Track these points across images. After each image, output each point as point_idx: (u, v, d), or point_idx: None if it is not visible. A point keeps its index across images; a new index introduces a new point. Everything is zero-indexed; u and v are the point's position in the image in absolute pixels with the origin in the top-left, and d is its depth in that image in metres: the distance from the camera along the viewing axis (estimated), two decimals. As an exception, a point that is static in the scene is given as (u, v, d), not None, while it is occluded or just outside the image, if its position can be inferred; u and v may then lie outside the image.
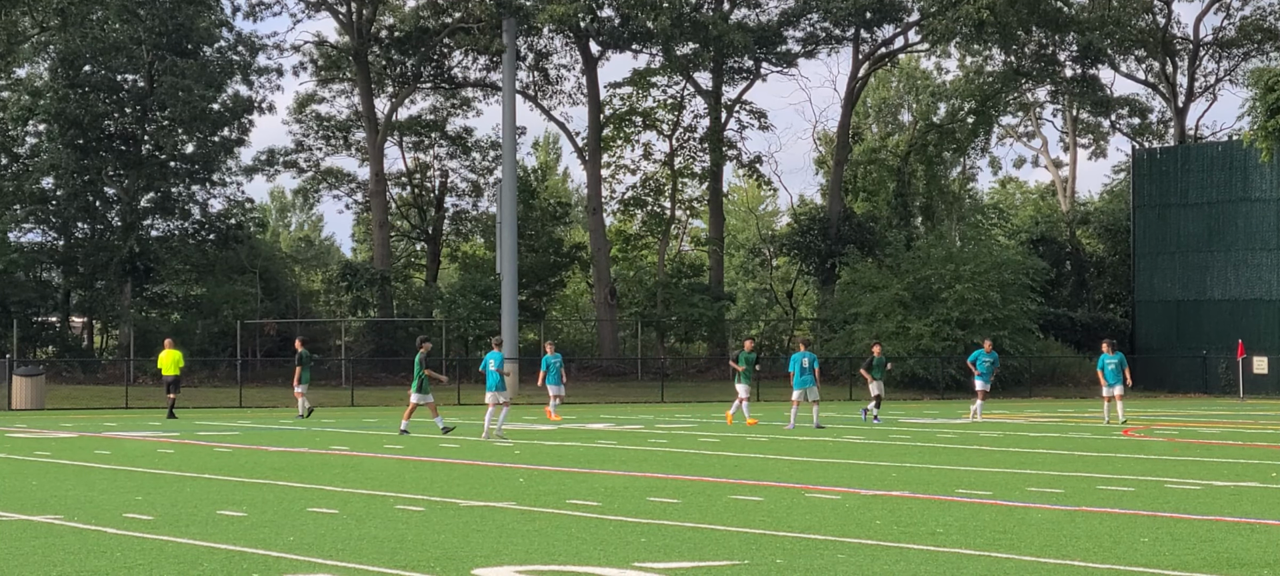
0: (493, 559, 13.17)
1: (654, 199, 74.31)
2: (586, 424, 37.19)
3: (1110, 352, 36.92)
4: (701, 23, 65.31)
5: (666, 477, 21.43)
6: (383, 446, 28.54)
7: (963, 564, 12.99)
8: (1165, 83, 77.88)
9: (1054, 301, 70.84)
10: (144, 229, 64.22)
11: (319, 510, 17.06)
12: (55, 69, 63.50)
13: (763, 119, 73.31)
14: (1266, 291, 65.60)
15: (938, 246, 67.11)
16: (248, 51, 66.07)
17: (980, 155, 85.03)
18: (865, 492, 19.07)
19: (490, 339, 35.45)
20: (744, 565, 12.96)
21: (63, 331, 65.31)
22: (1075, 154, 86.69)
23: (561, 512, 16.76)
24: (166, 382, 41.76)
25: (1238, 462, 24.53)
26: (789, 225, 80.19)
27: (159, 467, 23.54)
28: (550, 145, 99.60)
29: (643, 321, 68.41)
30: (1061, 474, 21.94)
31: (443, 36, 66.54)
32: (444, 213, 73.22)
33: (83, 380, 57.82)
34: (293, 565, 12.94)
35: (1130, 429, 34.77)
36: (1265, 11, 75.71)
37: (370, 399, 53.16)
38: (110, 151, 63.53)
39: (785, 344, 74.92)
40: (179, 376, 42.07)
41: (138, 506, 17.50)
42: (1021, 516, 16.48)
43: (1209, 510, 17.10)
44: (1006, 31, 66.25)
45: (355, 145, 71.39)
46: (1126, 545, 14.16)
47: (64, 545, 14.14)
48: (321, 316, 69.13)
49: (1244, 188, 66.42)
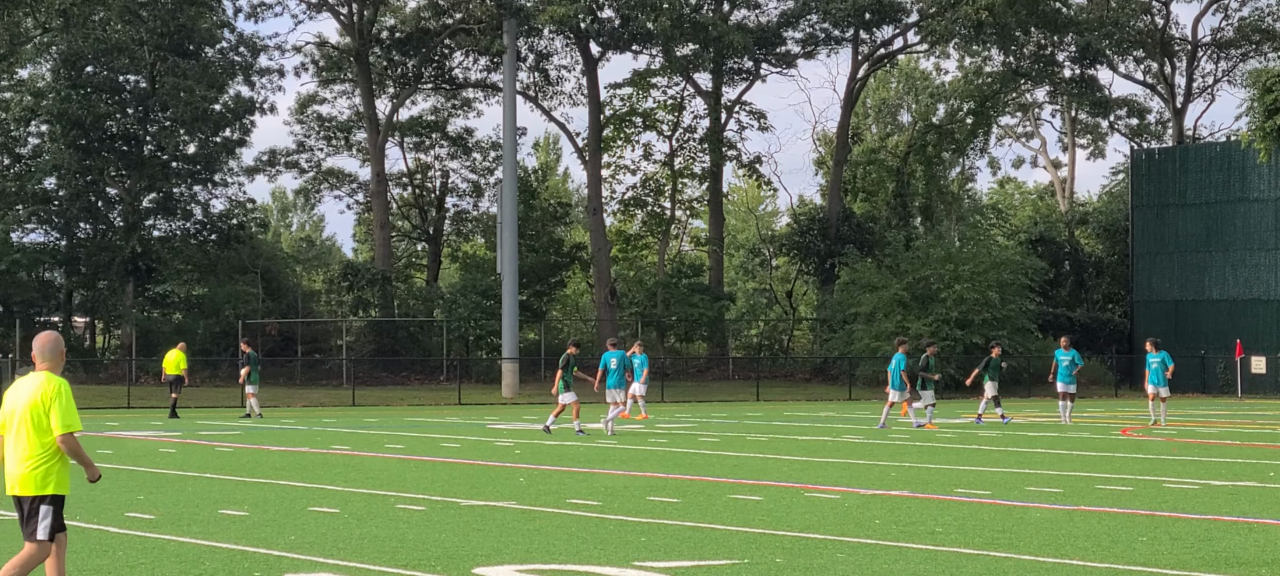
0: (493, 558, 13.24)
1: (654, 199, 74.38)
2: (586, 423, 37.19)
3: (1154, 351, 36.31)
4: (701, 24, 65.35)
5: (666, 477, 21.49)
6: (384, 446, 28.61)
7: (962, 563, 13.07)
8: (1164, 83, 77.92)
9: (1053, 301, 70.88)
10: (146, 229, 64.28)
11: (320, 509, 17.13)
12: (58, 70, 63.56)
13: (762, 119, 73.38)
14: (1265, 291, 65.65)
15: (937, 246, 67.15)
16: (249, 52, 66.12)
17: (979, 155, 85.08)
18: (865, 492, 19.14)
19: (609, 340, 35.19)
20: (744, 564, 13.03)
21: (65, 331, 65.33)
22: (1074, 154, 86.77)
23: (562, 512, 16.83)
24: (169, 382, 41.86)
25: (1236, 462, 24.59)
26: (788, 225, 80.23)
27: (161, 467, 23.61)
28: (551, 146, 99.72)
29: (643, 321, 68.46)
30: (1060, 473, 22.00)
31: (443, 37, 66.60)
32: (445, 213, 73.26)
33: (85, 380, 57.85)
34: (294, 564, 13.01)
35: (1129, 429, 34.82)
36: (1263, 12, 75.75)
37: (371, 399, 53.21)
38: (112, 152, 63.59)
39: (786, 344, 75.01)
40: (181, 376, 42.17)
41: (140, 505, 17.57)
42: (1020, 515, 16.55)
43: (1207, 509, 17.17)
44: (1005, 32, 66.28)
45: (356, 146, 71.45)
46: (1125, 544, 14.22)
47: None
48: (323, 316, 69.17)
49: (1242, 188, 66.47)
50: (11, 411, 10.23)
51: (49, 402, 10.09)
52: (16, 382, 10.37)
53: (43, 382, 10.18)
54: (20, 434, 10.15)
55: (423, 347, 65.92)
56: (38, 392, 10.14)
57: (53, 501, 10.13)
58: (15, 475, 10.17)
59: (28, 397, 10.17)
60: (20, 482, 10.16)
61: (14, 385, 10.36)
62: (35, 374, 10.28)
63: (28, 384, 10.24)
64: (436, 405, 50.65)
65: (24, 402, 10.17)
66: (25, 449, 10.12)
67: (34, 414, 10.11)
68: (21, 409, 10.17)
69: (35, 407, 10.12)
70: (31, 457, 10.10)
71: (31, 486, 10.12)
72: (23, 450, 10.13)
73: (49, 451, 10.13)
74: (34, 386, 10.19)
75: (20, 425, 10.16)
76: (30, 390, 10.19)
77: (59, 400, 10.09)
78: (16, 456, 10.16)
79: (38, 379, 10.22)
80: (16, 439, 10.17)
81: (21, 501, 10.20)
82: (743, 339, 76.62)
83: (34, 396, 10.14)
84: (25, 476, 10.12)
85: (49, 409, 10.09)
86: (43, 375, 10.22)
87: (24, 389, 10.24)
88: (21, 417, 10.16)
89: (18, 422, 10.17)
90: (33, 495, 10.12)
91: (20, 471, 10.14)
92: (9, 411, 10.26)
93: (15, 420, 10.19)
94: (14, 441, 10.19)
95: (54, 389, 10.13)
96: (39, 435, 10.09)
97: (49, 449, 10.12)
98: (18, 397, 10.23)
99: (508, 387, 57.10)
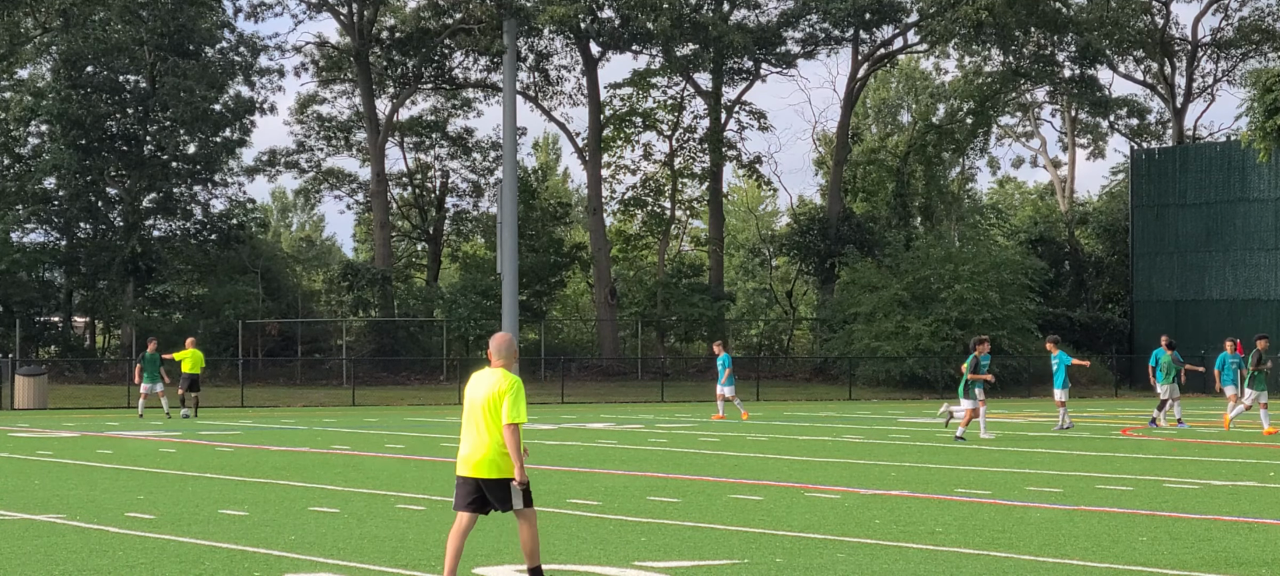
0: (493, 558, 13.25)
1: (654, 199, 74.37)
2: (586, 423, 37.24)
3: (1231, 352, 36.01)
4: (701, 24, 65.36)
5: (666, 477, 21.50)
6: (384, 446, 28.61)
7: (962, 563, 13.07)
8: (1163, 83, 77.91)
9: (1053, 301, 70.87)
10: (146, 229, 64.28)
11: (320, 509, 17.14)
12: (58, 70, 63.57)
13: (762, 119, 73.35)
14: (1265, 291, 65.66)
15: (937, 246, 67.17)
16: (249, 52, 66.13)
17: (979, 155, 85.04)
18: (865, 492, 19.14)
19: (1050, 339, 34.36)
20: (744, 564, 13.04)
21: (65, 331, 65.37)
22: (1074, 154, 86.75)
23: (562, 512, 16.83)
24: (185, 381, 41.87)
25: (1236, 462, 24.59)
26: (788, 225, 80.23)
27: (161, 467, 23.61)
28: (550, 146, 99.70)
29: (643, 321, 68.47)
30: (1060, 473, 22.01)
31: (443, 37, 66.58)
32: (445, 213, 73.26)
33: (85, 380, 57.88)
34: (294, 564, 13.02)
35: (1129, 428, 34.82)
36: (1263, 12, 75.76)
37: (371, 399, 53.22)
38: (112, 152, 63.60)
39: (786, 344, 74.98)
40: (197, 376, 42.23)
41: (140, 505, 17.57)
42: (1020, 515, 16.55)
43: (1207, 509, 17.17)
44: (1005, 32, 66.28)
45: (356, 146, 71.46)
46: (1125, 544, 14.23)
47: (66, 544, 14.22)
48: (323, 316, 69.17)
49: (1242, 188, 66.48)
50: (472, 402, 11.33)
51: (503, 395, 11.17)
52: (475, 376, 11.46)
53: (500, 377, 11.28)
54: (479, 423, 11.26)
55: (423, 347, 65.93)
56: (495, 387, 11.23)
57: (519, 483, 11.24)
58: (472, 459, 11.29)
59: (486, 391, 11.27)
60: (476, 466, 11.28)
61: (473, 378, 11.46)
62: (492, 370, 11.36)
63: (486, 378, 11.34)
64: (436, 405, 50.67)
65: (483, 395, 11.27)
66: (483, 436, 11.24)
67: (492, 405, 11.20)
68: (480, 400, 11.27)
69: (493, 399, 11.21)
70: (489, 444, 11.22)
71: (488, 469, 11.23)
72: (481, 437, 11.25)
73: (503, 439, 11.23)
74: (492, 381, 11.28)
75: (479, 415, 11.26)
76: (489, 384, 11.28)
77: (512, 394, 11.16)
78: (474, 442, 11.28)
79: (495, 374, 11.31)
80: (475, 427, 11.28)
81: (473, 482, 11.29)
82: (743, 339, 76.60)
83: (492, 390, 11.23)
84: (481, 460, 11.24)
85: (503, 401, 11.15)
86: (499, 371, 11.32)
87: (483, 383, 11.34)
88: (480, 408, 11.25)
89: (478, 412, 11.26)
90: (493, 478, 11.22)
91: (477, 456, 11.26)
92: (470, 402, 11.35)
93: (474, 410, 11.30)
94: (472, 429, 11.30)
95: (509, 384, 11.21)
96: (495, 424, 11.17)
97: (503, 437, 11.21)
98: (477, 390, 11.33)
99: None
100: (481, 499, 11.31)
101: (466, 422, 11.34)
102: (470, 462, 11.29)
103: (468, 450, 11.31)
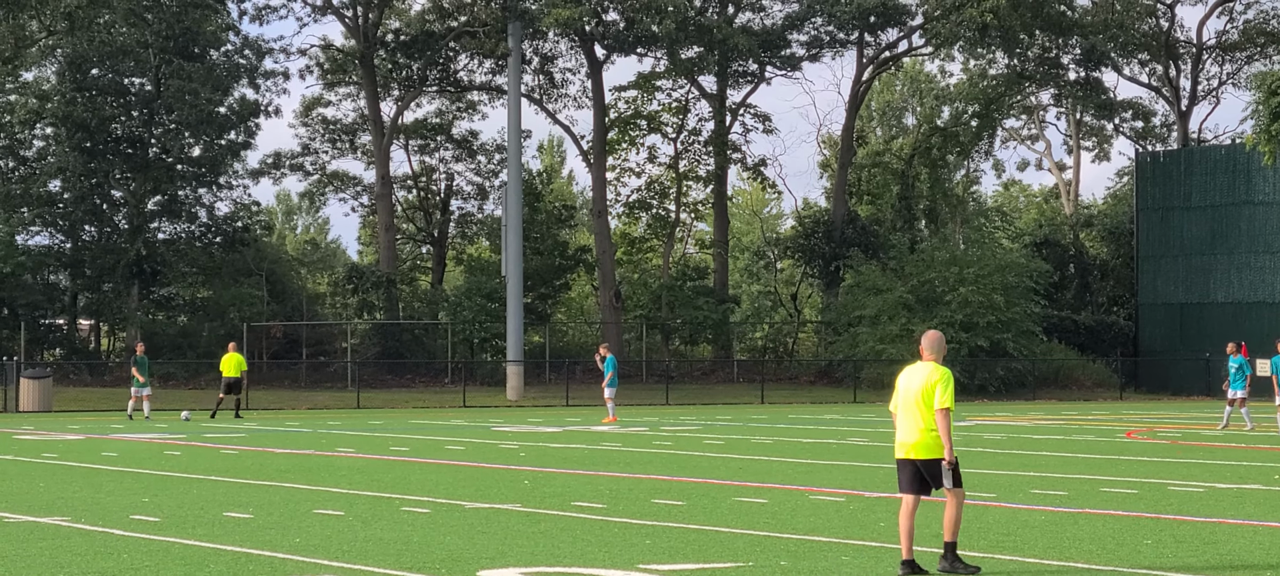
0: (498, 560, 13.25)
1: (659, 202, 74.35)
2: (591, 426, 37.24)
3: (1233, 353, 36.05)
4: (706, 27, 65.35)
5: (671, 480, 21.50)
6: (388, 448, 28.62)
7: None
8: (1168, 86, 77.84)
9: (1057, 304, 70.81)
10: (151, 232, 64.32)
11: (325, 512, 17.14)
12: (62, 72, 63.62)
13: (767, 122, 73.32)
14: (1270, 294, 65.59)
15: (942, 249, 67.13)
16: (254, 55, 66.16)
17: (984, 158, 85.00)
18: (869, 495, 19.13)
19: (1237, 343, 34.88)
20: (748, 567, 13.04)
21: (70, 334, 65.42)
22: (1078, 157, 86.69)
23: (566, 514, 16.83)
24: (227, 384, 42.16)
25: (1240, 465, 24.58)
26: (793, 228, 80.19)
27: (166, 469, 23.63)
28: (555, 148, 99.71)
29: (647, 324, 68.45)
30: (1064, 476, 21.99)
31: (448, 40, 66.61)
32: (449, 216, 73.28)
33: (90, 382, 57.89)
34: (299, 567, 13.03)
35: (1134, 431, 34.80)
36: (1269, 15, 75.67)
37: (376, 401, 53.23)
38: (117, 154, 63.63)
39: (790, 347, 74.98)
40: (240, 378, 42.46)
41: (144, 508, 17.58)
42: (1025, 518, 16.55)
43: (1212, 512, 17.16)
44: (1010, 35, 66.21)
45: (361, 148, 71.49)
46: (1129, 547, 14.22)
47: (71, 546, 14.23)
48: (327, 319, 69.18)
49: (1247, 191, 66.40)
50: (906, 391, 12.68)
51: (936, 385, 12.52)
52: (907, 370, 12.83)
53: (932, 370, 12.63)
54: (914, 410, 12.60)
55: (427, 350, 65.92)
56: (929, 378, 12.59)
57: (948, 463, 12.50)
58: (909, 442, 12.64)
59: (920, 381, 12.62)
60: (912, 448, 12.62)
61: (905, 371, 12.84)
62: (924, 363, 12.69)
63: (920, 371, 12.68)
64: (441, 408, 50.67)
65: (917, 386, 12.63)
66: (919, 421, 12.58)
67: (926, 394, 12.55)
68: (915, 390, 12.63)
69: (927, 389, 12.55)
70: (924, 428, 12.54)
71: (923, 451, 12.55)
72: (917, 422, 12.59)
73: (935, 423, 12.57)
74: (925, 373, 12.64)
75: (914, 403, 12.60)
76: (922, 376, 12.63)
77: (943, 383, 12.52)
78: (911, 426, 12.62)
79: (928, 367, 12.66)
80: (910, 414, 12.63)
81: (911, 464, 12.64)
82: (747, 342, 76.58)
83: (926, 381, 12.59)
84: (917, 442, 12.58)
85: (935, 390, 12.49)
86: (931, 364, 12.67)
87: (916, 375, 12.69)
88: (915, 397, 12.61)
89: (911, 401, 12.62)
90: (926, 459, 12.53)
91: (914, 438, 12.60)
92: (904, 392, 12.71)
93: (908, 399, 12.65)
94: (907, 416, 12.65)
95: (941, 375, 12.57)
96: (929, 410, 12.51)
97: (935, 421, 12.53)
98: (911, 381, 12.69)
99: (512, 390, 57.11)
100: (921, 478, 12.60)
101: (902, 411, 12.69)
102: (908, 446, 12.65)
103: (904, 435, 12.67)
